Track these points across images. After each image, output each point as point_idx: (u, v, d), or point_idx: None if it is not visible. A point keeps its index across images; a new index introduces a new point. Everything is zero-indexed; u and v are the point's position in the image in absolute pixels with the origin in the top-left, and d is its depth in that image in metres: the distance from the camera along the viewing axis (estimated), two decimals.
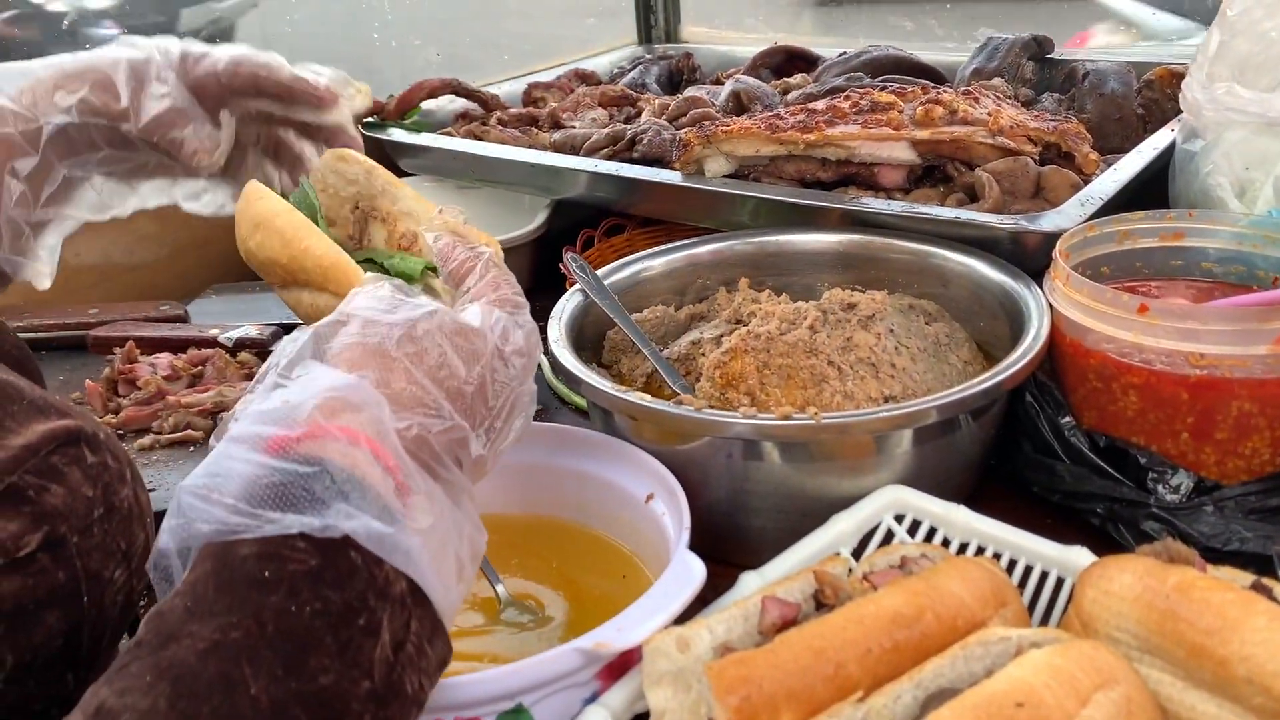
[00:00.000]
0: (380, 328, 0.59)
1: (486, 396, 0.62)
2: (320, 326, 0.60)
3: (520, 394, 0.65)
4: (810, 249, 1.04)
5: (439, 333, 0.60)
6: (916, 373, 0.85)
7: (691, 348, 0.94)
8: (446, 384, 0.59)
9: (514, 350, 0.64)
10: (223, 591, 0.49)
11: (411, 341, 0.59)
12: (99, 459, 0.60)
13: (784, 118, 1.11)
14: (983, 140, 1.07)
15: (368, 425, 0.55)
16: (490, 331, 0.63)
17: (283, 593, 0.49)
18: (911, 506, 0.77)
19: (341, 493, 0.52)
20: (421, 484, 0.56)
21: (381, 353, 0.58)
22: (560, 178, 1.31)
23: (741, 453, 0.79)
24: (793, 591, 0.66)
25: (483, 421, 0.62)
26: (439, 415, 0.58)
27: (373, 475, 0.54)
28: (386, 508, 0.53)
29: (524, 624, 0.77)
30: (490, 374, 0.62)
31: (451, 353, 0.60)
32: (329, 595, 0.50)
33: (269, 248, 0.75)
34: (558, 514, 0.86)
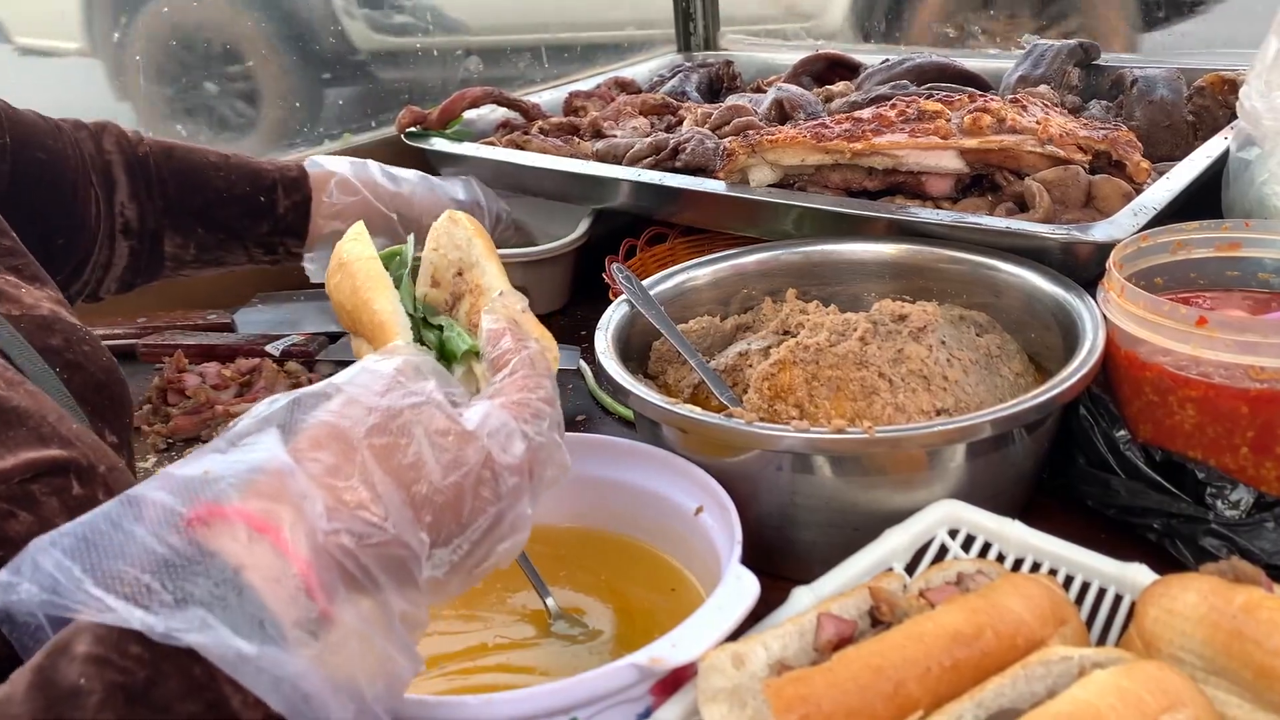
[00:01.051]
0: (358, 409, 0.54)
1: (461, 512, 0.54)
2: (304, 393, 0.55)
3: (507, 515, 0.57)
4: (859, 259, 1.03)
5: (421, 428, 0.54)
6: (969, 385, 0.85)
7: (739, 359, 0.94)
8: (412, 489, 0.52)
9: (509, 465, 0.57)
10: (32, 693, 0.44)
11: (385, 433, 0.53)
12: (88, 492, 0.58)
13: (830, 126, 1.10)
14: (1032, 149, 1.06)
15: (288, 517, 0.48)
16: (486, 438, 0.56)
17: (91, 707, 0.43)
18: (965, 521, 0.76)
19: (213, 595, 0.45)
20: (337, 590, 0.49)
21: (347, 439, 0.52)
22: (602, 187, 1.31)
23: (792, 466, 0.79)
24: (848, 608, 0.65)
25: (449, 539, 0.54)
26: (380, 526, 0.51)
27: (265, 579, 0.47)
28: (269, 621, 0.46)
29: (574, 637, 0.77)
30: (473, 487, 0.55)
31: (429, 453, 0.54)
32: (141, 715, 0.43)
33: (342, 290, 0.75)
34: (606, 526, 0.86)
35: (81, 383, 0.69)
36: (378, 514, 0.51)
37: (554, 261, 1.38)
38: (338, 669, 0.48)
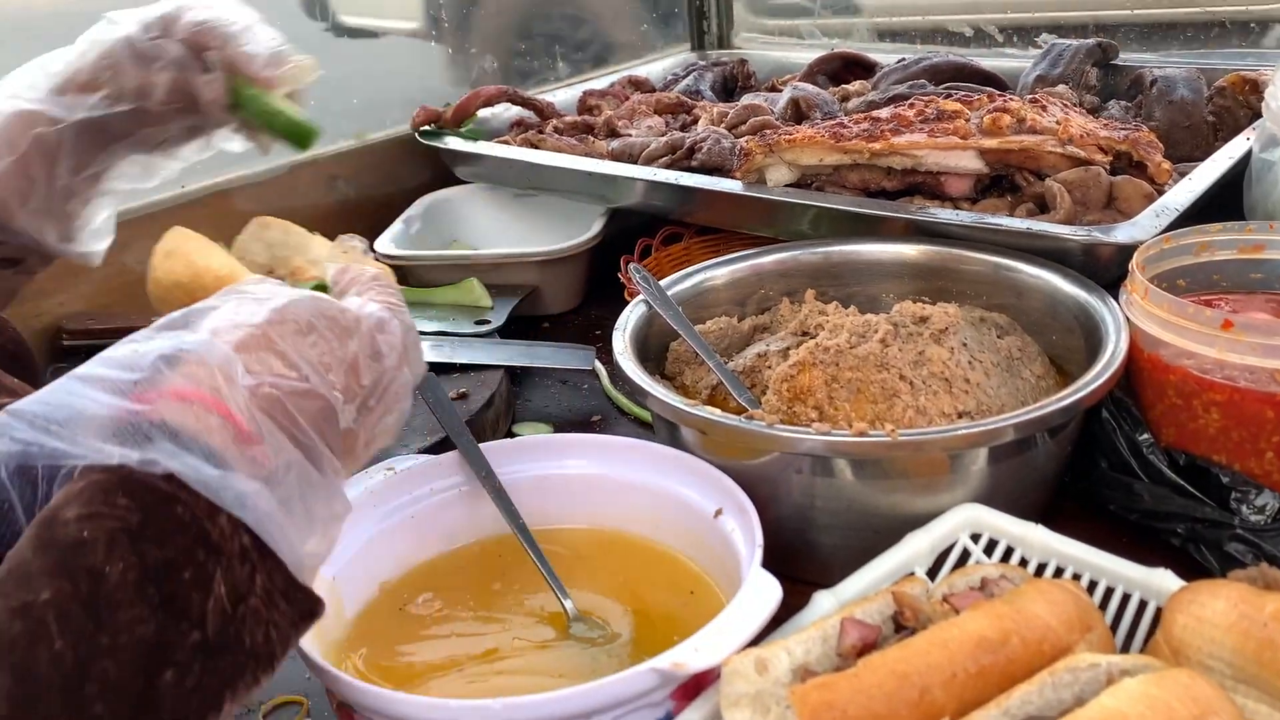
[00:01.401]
0: (250, 304, 0.60)
1: (359, 374, 0.62)
2: (194, 307, 0.61)
3: (394, 383, 0.64)
4: (879, 259, 1.03)
5: (311, 311, 0.61)
6: (990, 388, 0.84)
7: (757, 360, 0.93)
8: (314, 355, 0.59)
9: (387, 340, 0.64)
10: (39, 554, 0.49)
11: (280, 318, 0.60)
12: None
13: (848, 126, 1.10)
14: (1053, 149, 1.05)
15: (210, 378, 0.55)
16: (364, 319, 0.64)
17: (100, 551, 0.49)
18: (988, 525, 0.75)
19: (172, 435, 0.52)
20: (270, 436, 0.55)
21: (249, 324, 0.59)
22: (617, 186, 1.31)
23: (812, 468, 0.78)
24: (871, 613, 0.65)
25: (354, 396, 0.61)
26: (298, 378, 0.58)
27: (211, 431, 0.53)
28: (215, 453, 0.53)
29: (593, 639, 0.76)
30: (364, 355, 0.62)
31: (324, 328, 0.61)
32: (148, 551, 0.50)
33: (175, 272, 0.81)
34: (623, 528, 0.86)
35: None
36: (293, 374, 0.58)
37: (568, 261, 1.38)
38: (284, 494, 0.55)
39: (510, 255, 1.37)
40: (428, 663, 0.74)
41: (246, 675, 0.54)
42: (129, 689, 0.49)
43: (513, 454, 0.87)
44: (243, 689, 0.54)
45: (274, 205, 1.45)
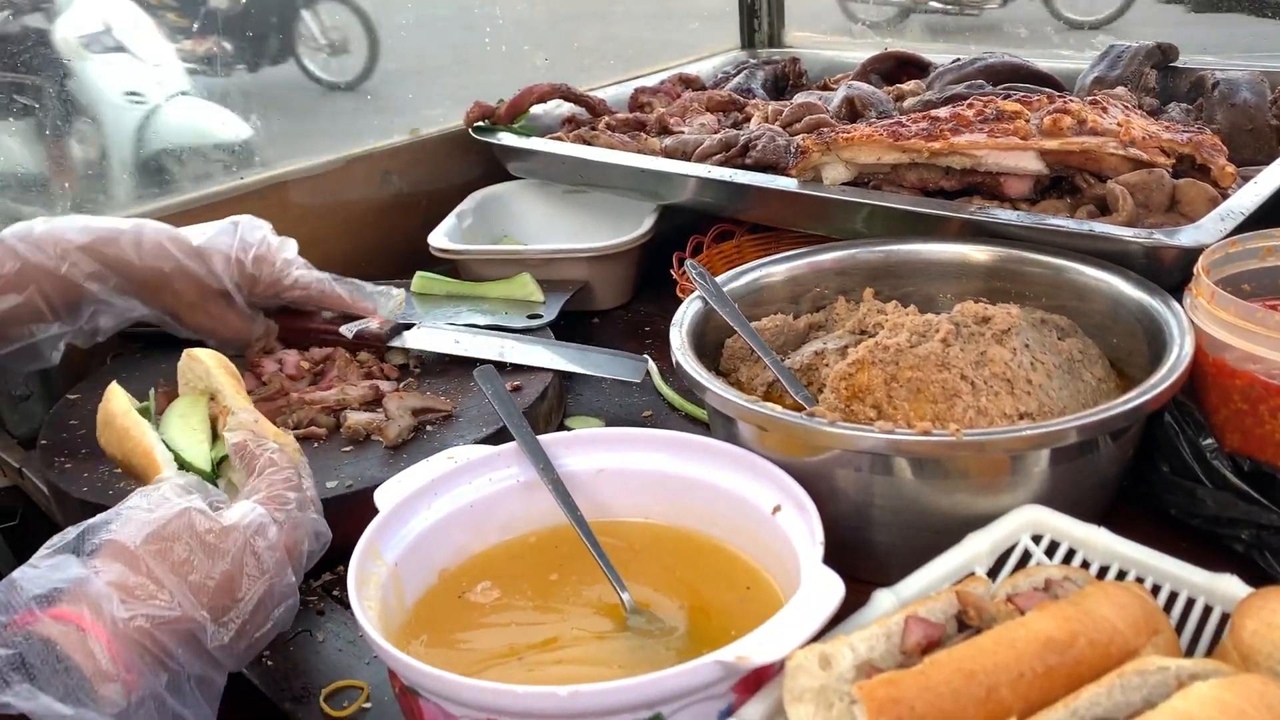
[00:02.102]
0: (133, 526, 0.68)
1: (234, 590, 0.69)
2: (91, 523, 0.69)
3: (277, 586, 0.71)
4: (939, 259, 1.02)
5: (187, 532, 0.68)
6: (1052, 390, 0.83)
7: (814, 358, 0.93)
8: (189, 578, 0.67)
9: (267, 546, 0.71)
10: None
11: (159, 540, 0.67)
12: None
13: (906, 125, 1.09)
14: (1114, 151, 1.04)
15: (86, 612, 0.62)
16: (245, 530, 0.70)
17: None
18: (1050, 527, 0.75)
19: (31, 675, 0.59)
20: (140, 666, 0.62)
21: (128, 550, 0.66)
22: (669, 183, 1.31)
23: (871, 466, 0.78)
24: (934, 611, 0.65)
25: (225, 612, 0.68)
26: (169, 607, 0.65)
27: (77, 652, 0.60)
28: (80, 685, 0.59)
29: (650, 632, 0.76)
30: (240, 568, 0.69)
31: (198, 550, 0.68)
32: None
33: (112, 444, 0.91)
34: (680, 523, 0.86)
35: None
36: (165, 600, 0.65)
37: (619, 257, 1.38)
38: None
39: (562, 251, 1.38)
40: (488, 650, 0.75)
41: None
42: None
43: (570, 446, 0.88)
44: None
45: (328, 198, 1.47)
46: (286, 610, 0.73)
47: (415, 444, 1.02)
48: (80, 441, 1.08)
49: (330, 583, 0.91)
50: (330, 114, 1.77)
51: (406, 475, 0.84)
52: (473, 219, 1.51)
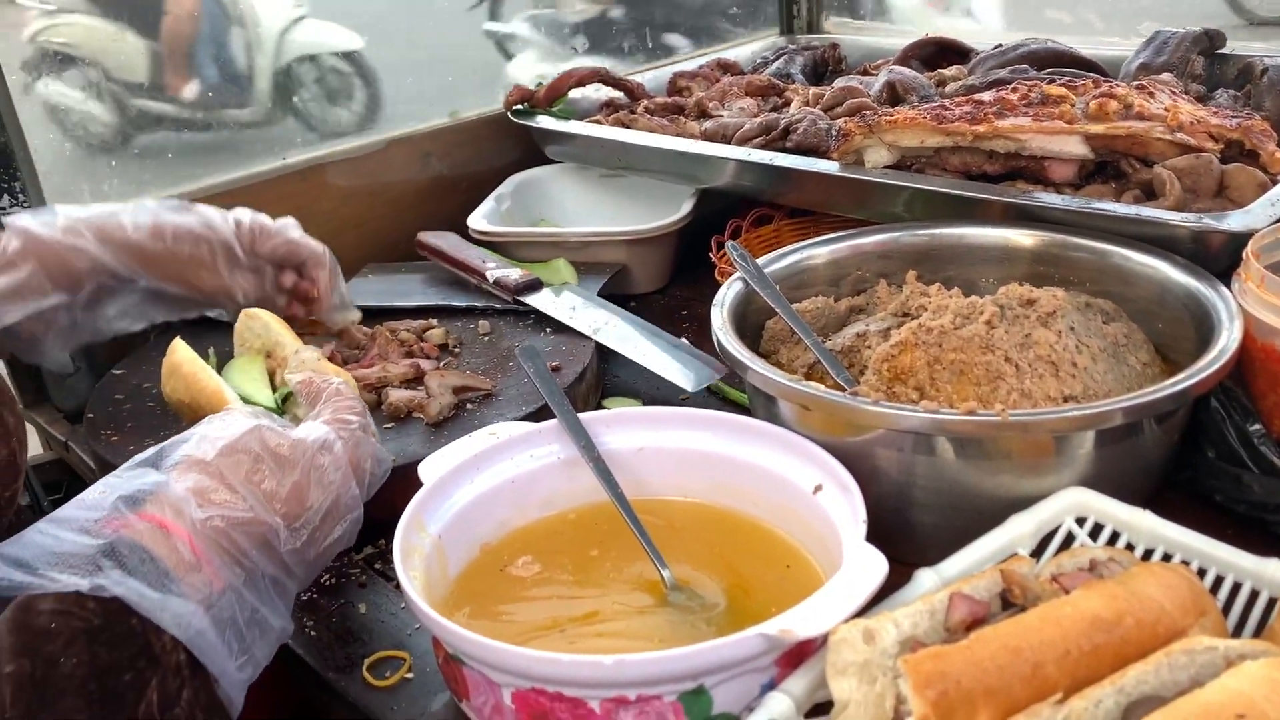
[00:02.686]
0: (206, 443, 0.72)
1: (303, 499, 0.72)
2: (168, 443, 0.73)
3: (342, 498, 0.75)
4: (983, 244, 1.01)
5: (258, 445, 0.72)
6: (1097, 373, 0.83)
7: (856, 340, 0.93)
8: (261, 486, 0.71)
9: (333, 460, 0.75)
10: (12, 632, 0.58)
11: (231, 453, 0.71)
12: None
13: (950, 108, 1.09)
14: (1161, 136, 1.03)
15: (168, 513, 0.66)
16: (311, 445, 0.75)
17: (59, 644, 0.58)
18: (1094, 510, 0.74)
19: (121, 564, 0.62)
20: (216, 562, 0.66)
21: (203, 462, 0.70)
22: (709, 166, 1.31)
23: (914, 447, 0.78)
24: (979, 590, 0.64)
25: (298, 518, 0.72)
26: (244, 510, 0.69)
27: (161, 547, 0.64)
28: (167, 575, 0.63)
29: (690, 608, 0.77)
30: (308, 479, 0.73)
31: (269, 461, 0.72)
32: (99, 652, 0.59)
33: (179, 390, 0.97)
34: (719, 501, 0.86)
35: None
36: (240, 505, 0.69)
37: (656, 241, 1.38)
38: (220, 615, 0.65)
39: (600, 234, 1.38)
40: (530, 622, 0.76)
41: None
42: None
43: (611, 425, 0.89)
44: None
45: (368, 180, 1.48)
46: (351, 523, 0.76)
47: (456, 421, 1.03)
48: (126, 415, 1.09)
49: (372, 556, 0.92)
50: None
51: (450, 450, 0.85)
52: (510, 202, 1.52)
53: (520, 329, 1.22)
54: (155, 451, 0.72)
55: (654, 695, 0.63)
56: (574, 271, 1.34)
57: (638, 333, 1.16)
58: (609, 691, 0.63)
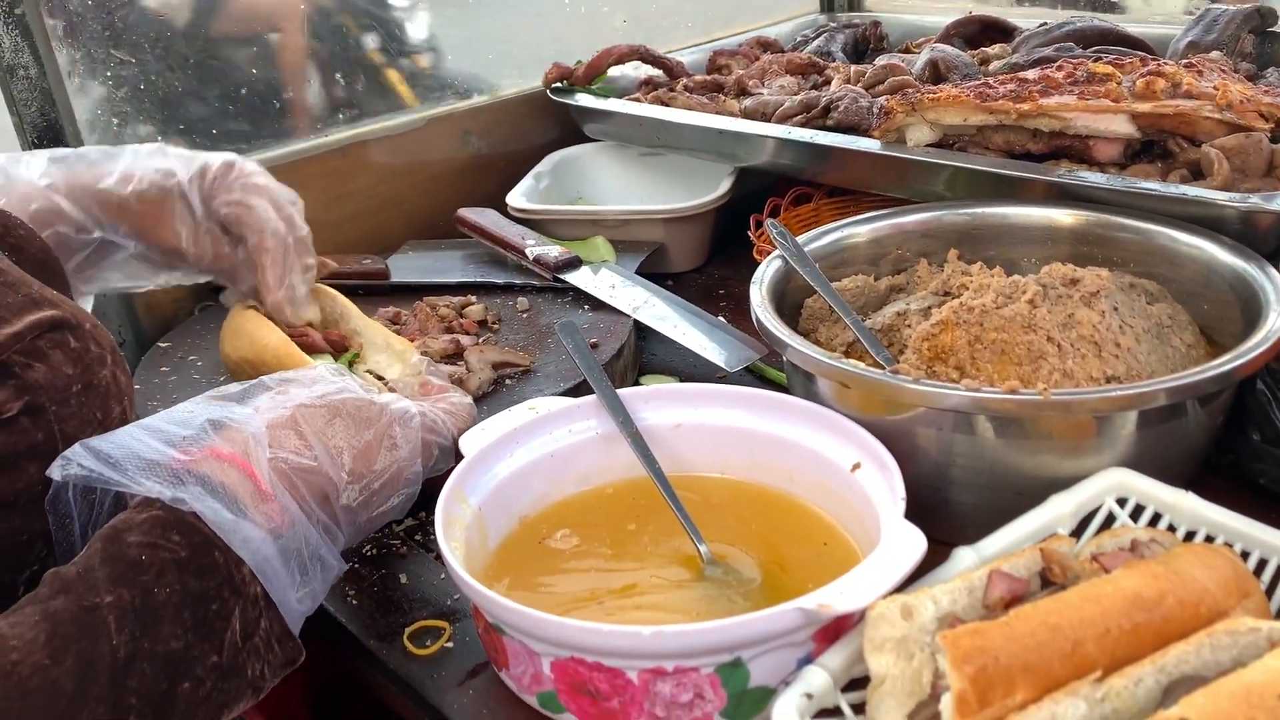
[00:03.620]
0: (290, 390, 0.74)
1: (371, 460, 0.74)
2: (255, 382, 0.76)
3: (405, 472, 0.77)
4: (1026, 223, 1.00)
5: (338, 399, 0.75)
6: (1140, 354, 0.82)
7: (896, 319, 0.93)
8: (331, 441, 0.73)
9: (405, 434, 0.77)
10: (106, 565, 0.61)
11: (311, 403, 0.73)
12: (82, 345, 0.71)
13: (994, 86, 1.08)
14: (1209, 115, 1.02)
15: (243, 445, 0.69)
16: (390, 412, 0.77)
17: (153, 574, 0.61)
18: (1136, 490, 0.74)
19: (202, 483, 0.65)
20: (281, 498, 0.68)
21: (285, 406, 0.73)
22: (748, 144, 1.31)
23: (954, 426, 0.78)
24: (1018, 568, 0.64)
25: (360, 477, 0.74)
26: (310, 457, 0.71)
27: (235, 482, 0.66)
28: (240, 503, 0.66)
29: (727, 582, 0.77)
30: (379, 443, 0.75)
31: (345, 417, 0.74)
32: (189, 581, 0.62)
33: (241, 349, 0.96)
34: (756, 478, 0.87)
35: (27, 262, 0.76)
36: (307, 453, 0.71)
37: (694, 220, 1.38)
38: (286, 545, 0.67)
39: (637, 212, 1.39)
40: (569, 593, 0.76)
41: (242, 701, 0.65)
42: (156, 689, 0.60)
43: (650, 401, 0.89)
44: (235, 711, 0.65)
45: (408, 157, 1.49)
46: (406, 499, 0.78)
47: (495, 396, 1.04)
48: (172, 387, 1.11)
49: (412, 528, 0.93)
50: None
51: (490, 423, 0.85)
52: (549, 180, 1.52)
53: (559, 306, 1.23)
54: (241, 389, 0.75)
55: (691, 667, 0.63)
56: (612, 249, 1.35)
57: (676, 311, 1.16)
58: (647, 662, 0.63)
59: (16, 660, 0.55)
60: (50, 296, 0.72)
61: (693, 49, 1.75)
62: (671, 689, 0.64)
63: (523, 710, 0.72)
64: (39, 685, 0.55)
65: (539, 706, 0.70)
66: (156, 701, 0.59)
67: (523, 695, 0.71)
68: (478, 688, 0.75)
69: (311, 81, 1.49)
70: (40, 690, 0.55)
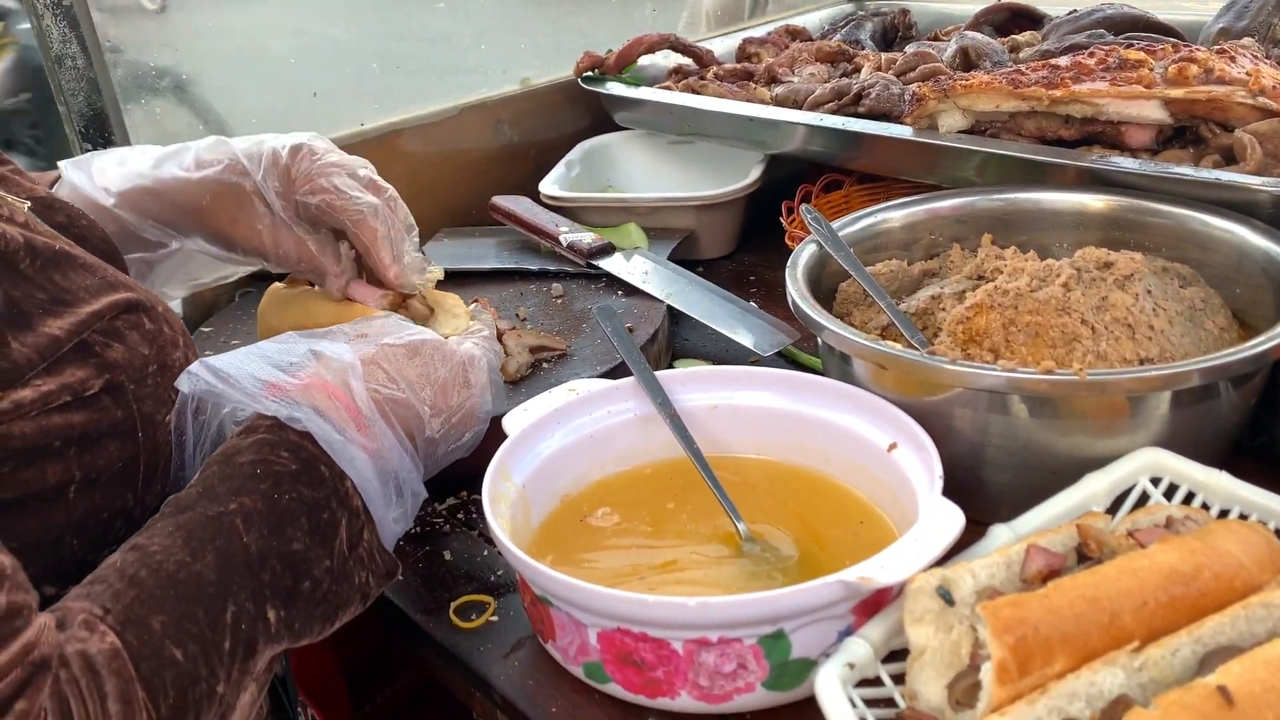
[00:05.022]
0: (369, 332, 0.80)
1: (448, 396, 0.79)
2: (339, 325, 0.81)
3: (477, 410, 0.82)
4: (1059, 208, 1.01)
5: (418, 340, 0.80)
6: (1174, 336, 0.83)
7: (930, 302, 0.94)
8: (413, 374, 0.77)
9: (475, 374, 0.82)
10: (225, 480, 0.66)
11: (393, 342, 0.78)
12: (156, 326, 0.74)
13: (1026, 73, 1.09)
14: (1242, 101, 1.02)
15: (340, 374, 0.73)
16: (461, 353, 0.82)
17: (270, 483, 0.66)
18: (1169, 470, 0.75)
19: (311, 404, 0.70)
20: (375, 425, 0.73)
21: (372, 343, 0.77)
22: (779, 132, 1.32)
23: (989, 406, 0.79)
24: (1055, 544, 0.66)
25: (440, 411, 0.78)
26: (398, 389, 0.76)
27: (332, 406, 0.71)
28: (339, 426, 0.70)
29: (766, 559, 0.79)
30: (454, 381, 0.80)
31: (426, 353, 0.79)
32: (303, 491, 0.67)
33: (294, 317, 0.93)
34: (793, 459, 0.88)
35: (91, 251, 0.78)
36: (394, 386, 0.76)
37: (725, 207, 1.40)
38: (384, 467, 0.73)
39: (669, 199, 1.40)
40: (612, 569, 0.78)
41: (351, 606, 0.70)
42: (282, 585, 0.65)
43: (687, 383, 0.91)
44: (345, 616, 0.70)
45: (442, 146, 1.51)
46: (474, 436, 0.83)
47: (533, 380, 1.06)
48: None
49: (454, 506, 0.96)
50: None
51: (532, 404, 0.87)
52: (580, 168, 1.54)
53: (593, 292, 1.25)
54: (325, 331, 0.80)
55: (735, 638, 0.65)
56: (644, 236, 1.36)
57: (709, 297, 1.18)
58: (692, 633, 0.65)
59: (161, 560, 0.61)
60: (125, 280, 0.74)
61: (722, 36, 1.76)
62: (715, 659, 0.66)
63: (568, 680, 0.74)
64: (186, 578, 0.61)
65: (584, 677, 0.72)
66: (285, 596, 0.65)
67: (568, 666, 0.73)
68: (523, 659, 0.77)
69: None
70: (188, 582, 0.61)
